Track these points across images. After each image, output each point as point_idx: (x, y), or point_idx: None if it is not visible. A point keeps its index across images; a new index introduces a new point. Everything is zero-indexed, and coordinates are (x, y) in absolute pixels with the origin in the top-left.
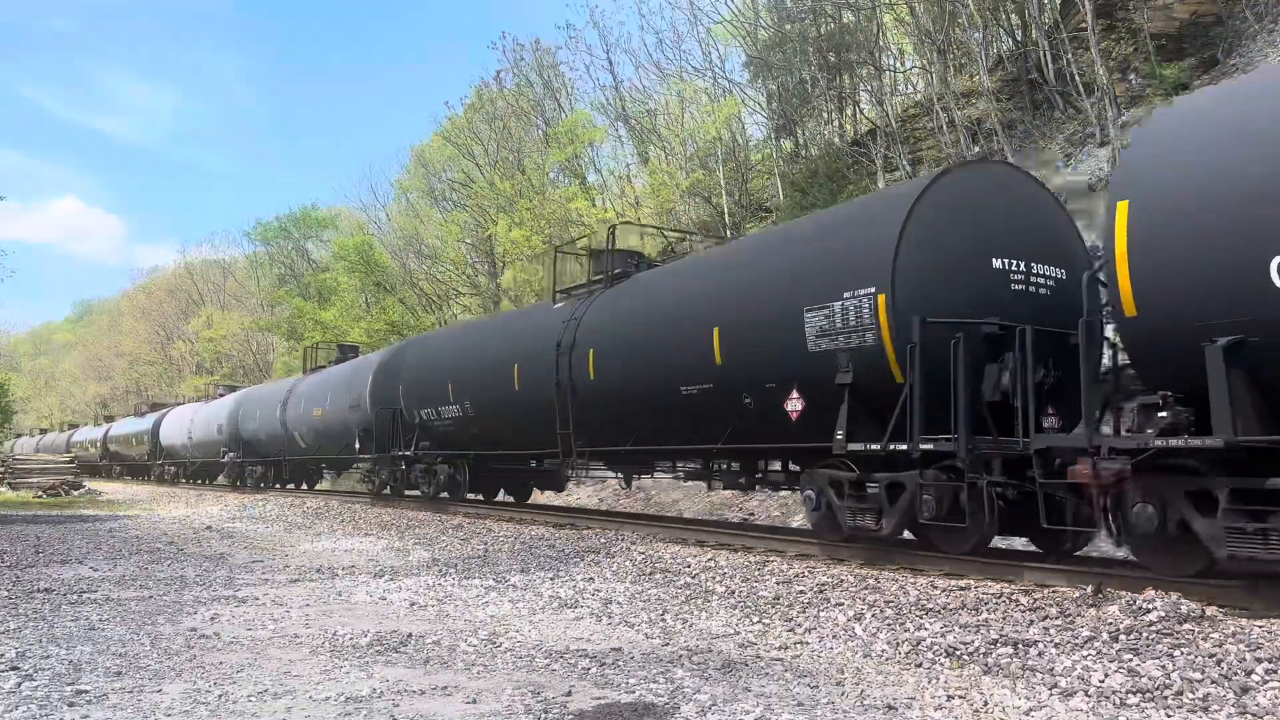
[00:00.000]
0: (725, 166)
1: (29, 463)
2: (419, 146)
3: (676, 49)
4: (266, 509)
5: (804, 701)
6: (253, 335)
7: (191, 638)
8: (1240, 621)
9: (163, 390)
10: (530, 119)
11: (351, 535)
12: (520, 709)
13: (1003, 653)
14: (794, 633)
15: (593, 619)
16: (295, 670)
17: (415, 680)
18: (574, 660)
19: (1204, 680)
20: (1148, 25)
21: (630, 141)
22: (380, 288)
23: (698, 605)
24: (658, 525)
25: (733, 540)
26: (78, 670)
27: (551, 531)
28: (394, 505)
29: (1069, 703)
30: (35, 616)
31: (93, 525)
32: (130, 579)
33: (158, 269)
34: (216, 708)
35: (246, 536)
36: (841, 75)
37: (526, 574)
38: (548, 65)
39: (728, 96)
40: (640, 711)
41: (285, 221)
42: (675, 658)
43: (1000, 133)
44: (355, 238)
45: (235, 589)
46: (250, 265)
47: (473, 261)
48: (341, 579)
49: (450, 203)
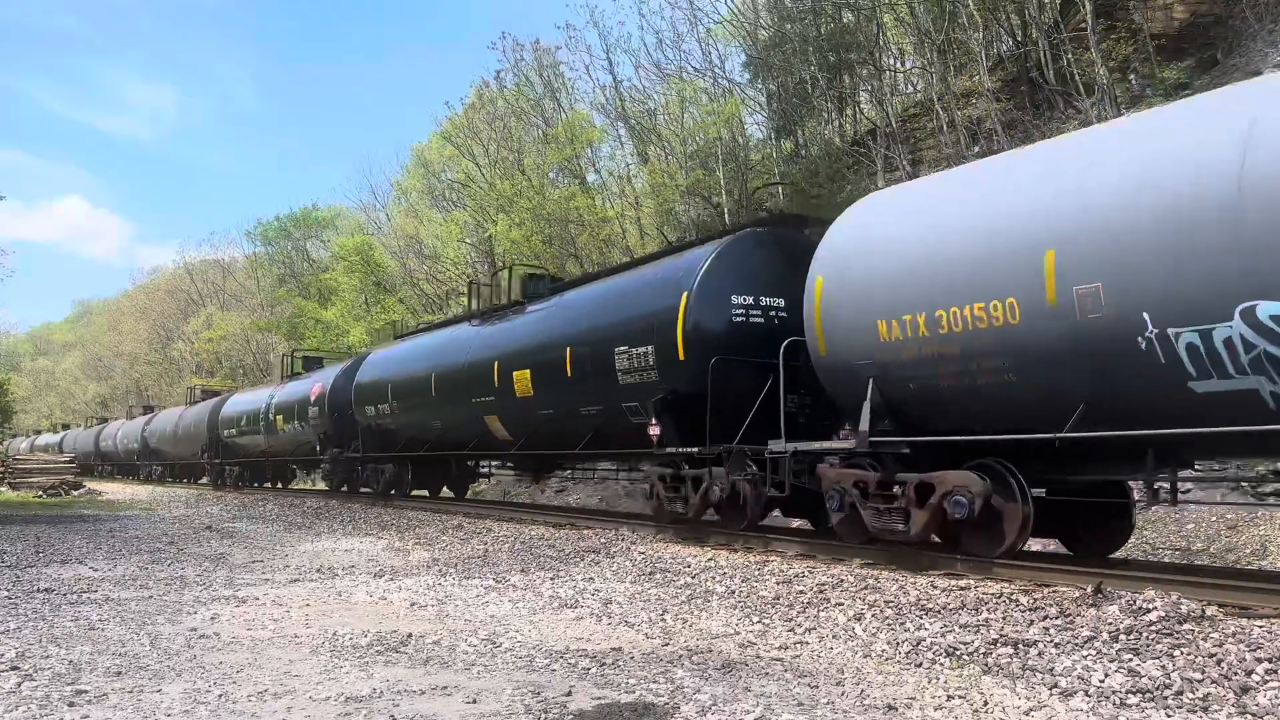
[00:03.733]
0: (725, 167)
1: (29, 462)
2: (419, 146)
3: (676, 49)
4: (266, 509)
5: (804, 701)
6: (252, 335)
7: (191, 638)
8: (1240, 621)
9: (163, 390)
10: (530, 119)
11: (351, 535)
12: (520, 709)
13: (1003, 653)
14: (794, 633)
15: (593, 619)
16: (295, 670)
17: (415, 680)
18: (574, 660)
19: (1204, 680)
20: (1148, 25)
21: (630, 141)
22: (380, 288)
23: (698, 605)
24: (658, 525)
25: (732, 540)
26: (78, 670)
27: (551, 531)
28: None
29: (1069, 703)
30: (35, 616)
31: (93, 525)
32: (130, 579)
33: (157, 269)
34: (216, 708)
35: (246, 536)
36: (841, 75)
37: (526, 574)
38: (548, 65)
39: (728, 97)
40: (640, 711)
41: (286, 222)
42: (675, 658)
43: (1000, 132)
44: (355, 238)
45: (235, 589)
46: (250, 265)
47: (473, 261)
48: (341, 579)
49: (450, 203)
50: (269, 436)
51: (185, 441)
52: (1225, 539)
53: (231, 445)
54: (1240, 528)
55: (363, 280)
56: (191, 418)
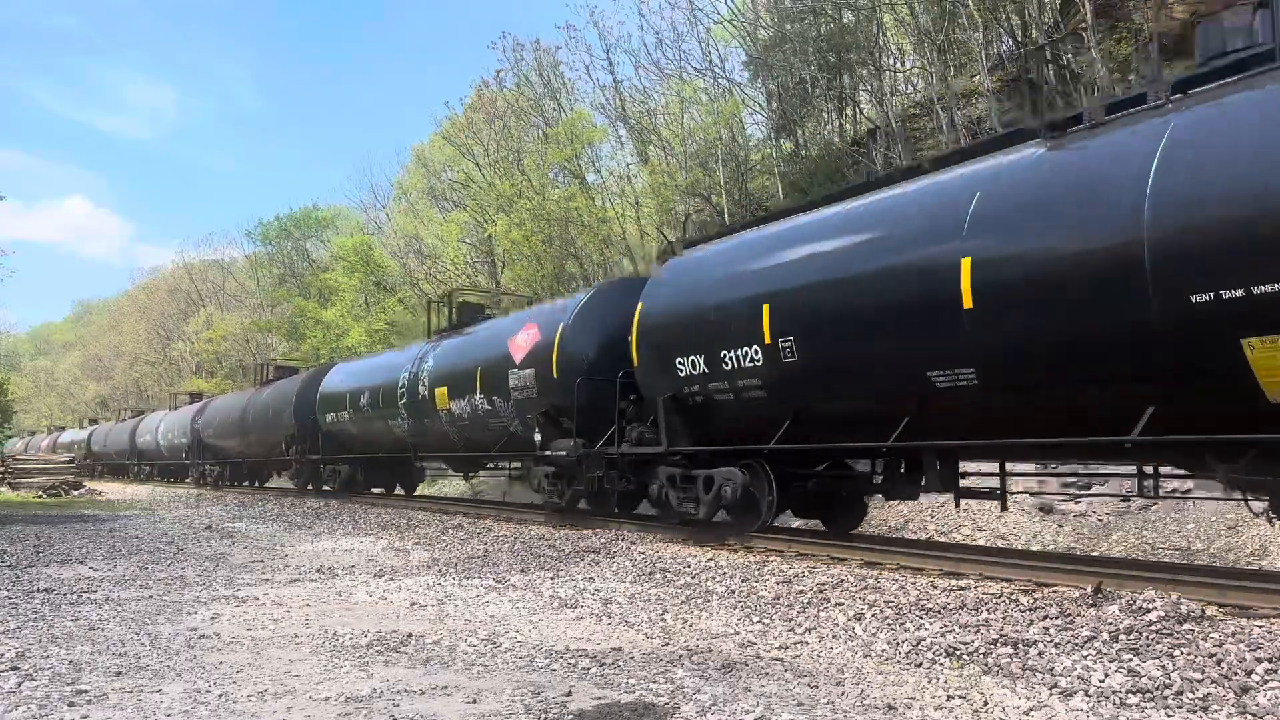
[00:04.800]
0: (725, 167)
1: (29, 463)
2: (419, 146)
3: (676, 49)
4: (266, 509)
5: (804, 701)
6: (252, 335)
7: (191, 637)
8: (1240, 621)
9: (162, 390)
10: (530, 119)
11: (351, 535)
12: (520, 709)
13: (1003, 653)
14: (794, 633)
15: (593, 619)
16: (295, 670)
17: (415, 680)
18: (574, 660)
19: (1204, 680)
20: (1148, 25)
21: (630, 141)
22: (380, 288)
23: (698, 605)
24: (658, 525)
25: (733, 540)
26: (78, 670)
27: (551, 531)
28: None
29: (1069, 703)
30: (35, 616)
31: (92, 525)
32: (130, 579)
33: (157, 270)
34: (216, 707)
35: (246, 536)
36: (841, 75)
37: (526, 574)
38: (548, 65)
39: (728, 97)
40: (640, 711)
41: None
42: (675, 658)
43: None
44: (354, 238)
45: (235, 589)
46: (250, 265)
47: (472, 261)
48: (341, 579)
49: (450, 203)
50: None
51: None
52: (1225, 539)
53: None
54: (1240, 528)
55: (362, 280)
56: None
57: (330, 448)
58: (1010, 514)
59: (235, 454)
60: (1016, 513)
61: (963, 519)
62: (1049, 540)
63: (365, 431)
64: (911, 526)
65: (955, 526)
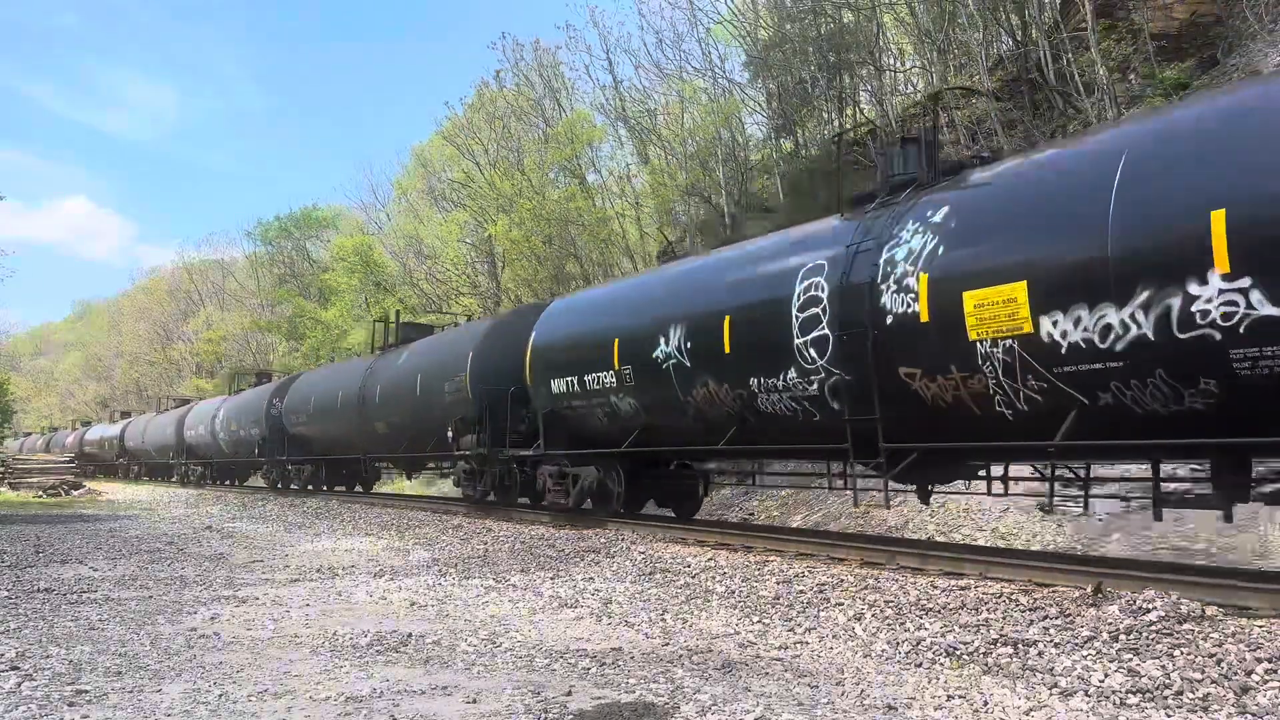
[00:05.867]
0: (725, 167)
1: (29, 463)
2: (419, 146)
3: (676, 49)
4: (266, 509)
5: (804, 701)
6: (252, 335)
7: (191, 637)
8: (1240, 621)
9: (162, 390)
10: (530, 119)
11: (351, 535)
12: (520, 709)
13: (1003, 653)
14: (794, 633)
15: (593, 619)
16: (295, 670)
17: (415, 680)
18: (574, 660)
19: (1204, 680)
20: (1148, 25)
21: (630, 141)
22: (380, 288)
23: (698, 605)
24: (658, 525)
25: (733, 540)
26: (78, 670)
27: (551, 531)
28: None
29: (1069, 703)
30: (35, 616)
31: (93, 525)
32: (130, 579)
33: (157, 269)
34: (216, 707)
35: (246, 536)
36: (841, 75)
37: (526, 574)
38: (548, 65)
39: (728, 96)
40: (640, 711)
41: (286, 221)
42: (675, 657)
43: (1000, 133)
44: (355, 239)
45: (235, 589)
46: (250, 265)
47: (472, 261)
48: (341, 579)
49: (450, 203)
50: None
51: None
52: (1225, 539)
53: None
54: (1240, 528)
55: (362, 280)
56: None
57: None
58: (1010, 514)
59: (339, 448)
60: (1016, 513)
61: (963, 519)
62: (1049, 540)
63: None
64: (911, 526)
65: (955, 526)
